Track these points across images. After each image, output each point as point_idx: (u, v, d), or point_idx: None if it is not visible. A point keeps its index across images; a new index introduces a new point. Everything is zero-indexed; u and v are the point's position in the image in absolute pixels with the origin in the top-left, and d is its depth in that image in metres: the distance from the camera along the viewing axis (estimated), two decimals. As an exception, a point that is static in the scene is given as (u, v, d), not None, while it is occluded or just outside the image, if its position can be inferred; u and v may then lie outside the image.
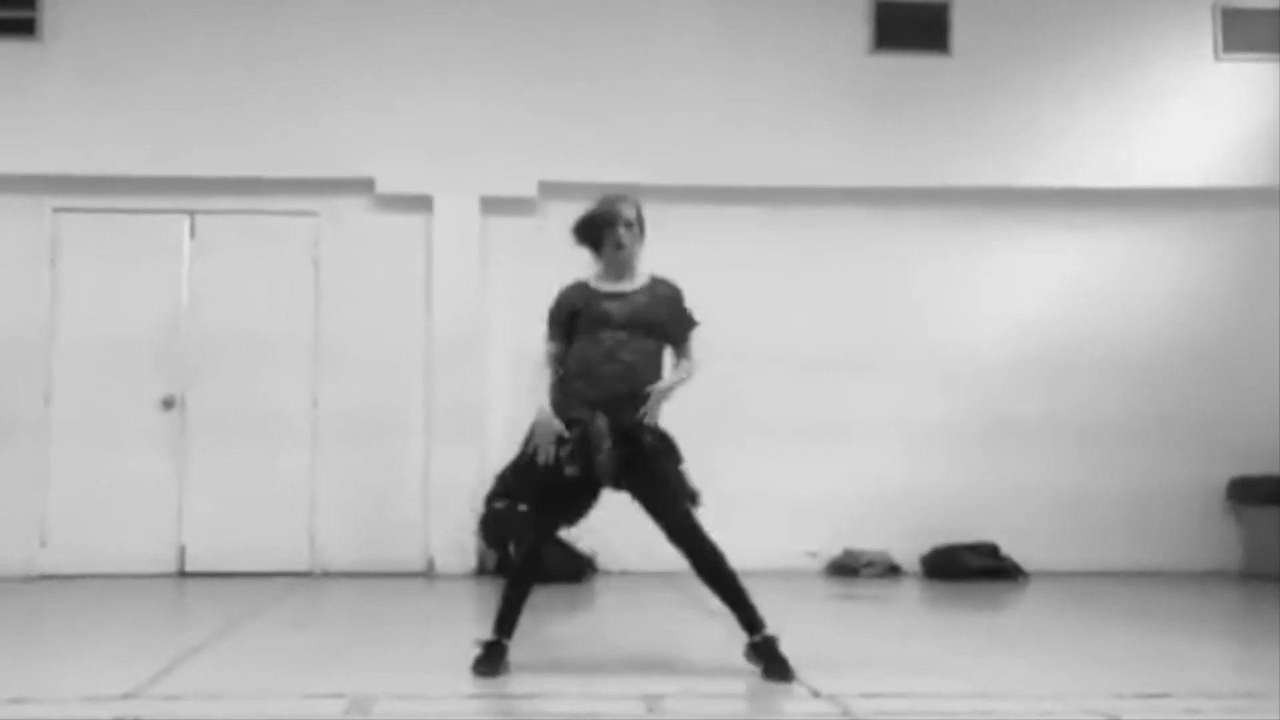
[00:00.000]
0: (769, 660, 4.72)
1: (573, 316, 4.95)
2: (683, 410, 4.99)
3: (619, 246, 4.94)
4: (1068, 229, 9.23)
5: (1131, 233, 9.27)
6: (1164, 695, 4.51)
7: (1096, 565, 8.82)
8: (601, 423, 4.75)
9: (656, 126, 8.84)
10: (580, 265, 5.12)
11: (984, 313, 9.17)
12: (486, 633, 4.89)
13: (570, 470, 4.77)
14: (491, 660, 4.77)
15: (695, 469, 4.93)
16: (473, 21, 8.90)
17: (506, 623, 4.85)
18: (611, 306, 4.91)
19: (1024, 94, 9.13)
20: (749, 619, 4.81)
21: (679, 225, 9.13)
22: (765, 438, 8.80)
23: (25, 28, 8.68)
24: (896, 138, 9.01)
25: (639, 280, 5.02)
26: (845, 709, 4.24)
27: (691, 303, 5.06)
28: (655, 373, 4.92)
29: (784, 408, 8.87)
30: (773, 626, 4.79)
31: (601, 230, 4.98)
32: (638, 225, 5.00)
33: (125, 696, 4.37)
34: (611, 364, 4.83)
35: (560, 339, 4.99)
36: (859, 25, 9.14)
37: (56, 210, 8.74)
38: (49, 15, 8.71)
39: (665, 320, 4.97)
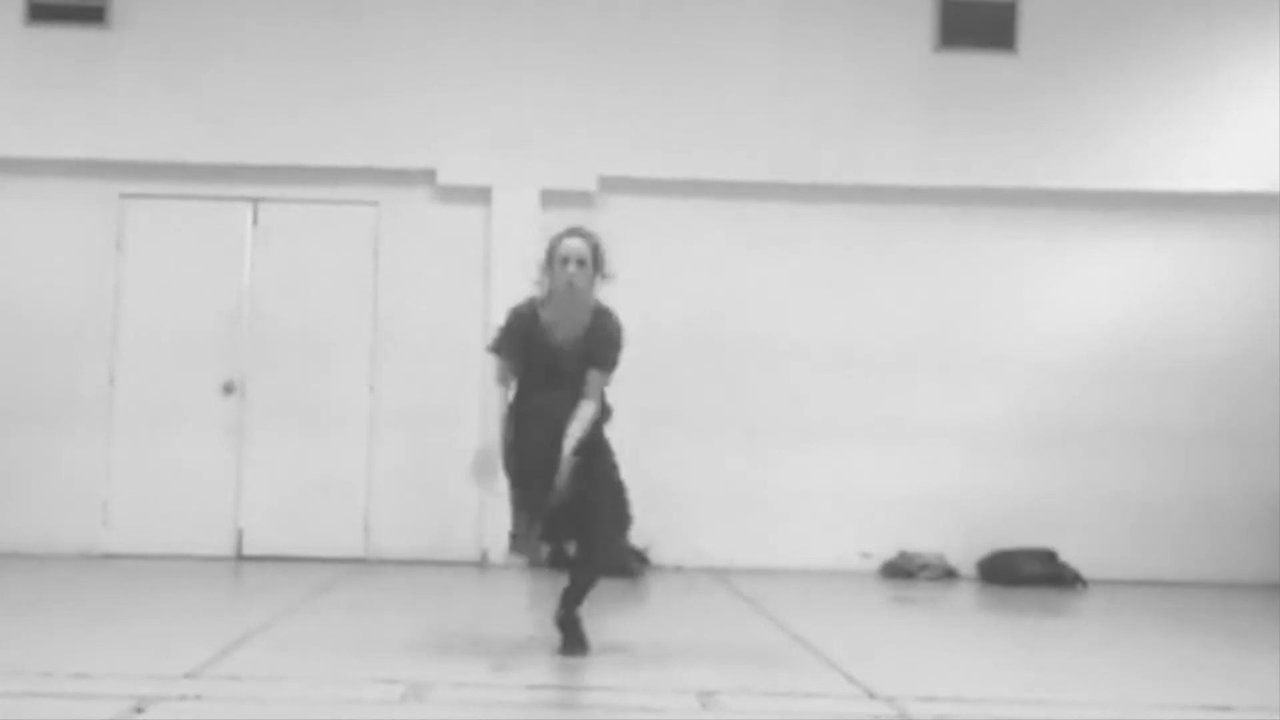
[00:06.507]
0: (569, 633, 4.93)
1: (527, 343, 4.97)
2: (744, 410, 4.96)
3: (569, 286, 4.88)
4: (1135, 232, 9.08)
5: (1201, 237, 9.09)
6: (1226, 708, 4.44)
7: (1158, 574, 8.68)
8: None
9: (718, 123, 8.80)
10: (639, 260, 5.11)
11: (1048, 315, 9.05)
12: (542, 624, 4.90)
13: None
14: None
15: (755, 468, 4.91)
16: (536, 15, 8.91)
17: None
18: (559, 359, 4.93)
19: (1091, 94, 8.98)
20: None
21: (739, 222, 9.18)
22: (824, 437, 8.72)
23: (95, 16, 8.79)
24: (961, 137, 8.91)
25: (584, 321, 4.96)
26: (902, 711, 4.22)
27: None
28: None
29: (844, 407, 8.80)
30: (814, 626, 4.76)
31: (552, 264, 4.94)
32: (591, 263, 4.92)
33: (187, 676, 4.44)
34: (545, 428, 4.89)
35: (514, 359, 5.00)
36: (924, 23, 9.05)
37: (124, 196, 8.87)
38: (119, 3, 8.81)
39: (591, 353, 4.96)
